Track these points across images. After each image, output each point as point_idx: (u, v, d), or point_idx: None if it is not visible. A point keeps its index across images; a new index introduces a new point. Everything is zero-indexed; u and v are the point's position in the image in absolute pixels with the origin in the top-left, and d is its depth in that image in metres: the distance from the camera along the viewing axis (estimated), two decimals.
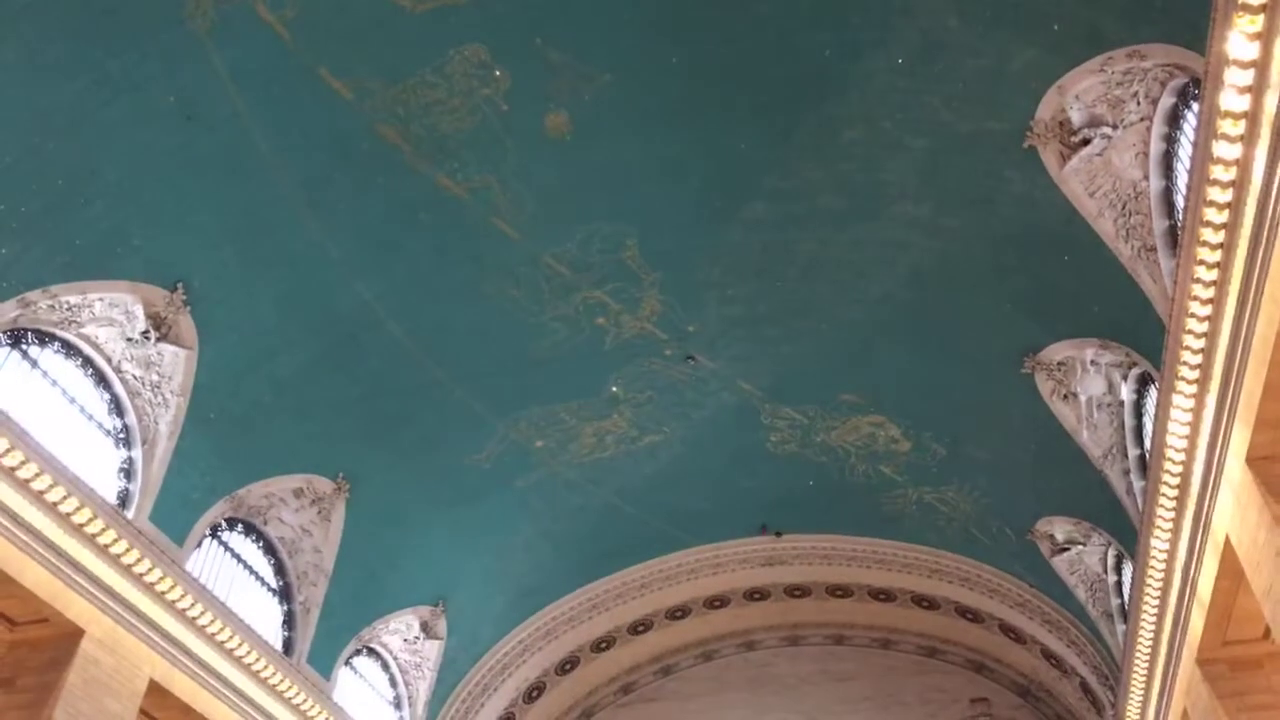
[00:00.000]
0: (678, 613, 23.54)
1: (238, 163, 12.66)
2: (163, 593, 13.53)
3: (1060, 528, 18.05)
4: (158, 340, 13.66)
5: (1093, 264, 12.87)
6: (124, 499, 13.82)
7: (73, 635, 12.41)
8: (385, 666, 20.26)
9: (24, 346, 12.83)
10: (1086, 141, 12.09)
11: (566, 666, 23.38)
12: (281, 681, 15.82)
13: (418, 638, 20.23)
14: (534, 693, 23.14)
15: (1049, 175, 12.50)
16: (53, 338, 13.17)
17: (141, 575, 13.20)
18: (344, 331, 15.11)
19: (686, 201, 14.46)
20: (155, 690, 13.62)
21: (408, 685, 20.47)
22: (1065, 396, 15.36)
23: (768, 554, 22.65)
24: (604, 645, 23.48)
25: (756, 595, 23.57)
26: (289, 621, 17.27)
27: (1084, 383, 15.06)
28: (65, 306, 12.81)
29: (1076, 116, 12.02)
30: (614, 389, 17.40)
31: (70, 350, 13.46)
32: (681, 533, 21.48)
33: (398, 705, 20.38)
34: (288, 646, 16.98)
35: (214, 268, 13.61)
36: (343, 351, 15.31)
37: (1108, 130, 11.92)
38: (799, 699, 23.35)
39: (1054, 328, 14.73)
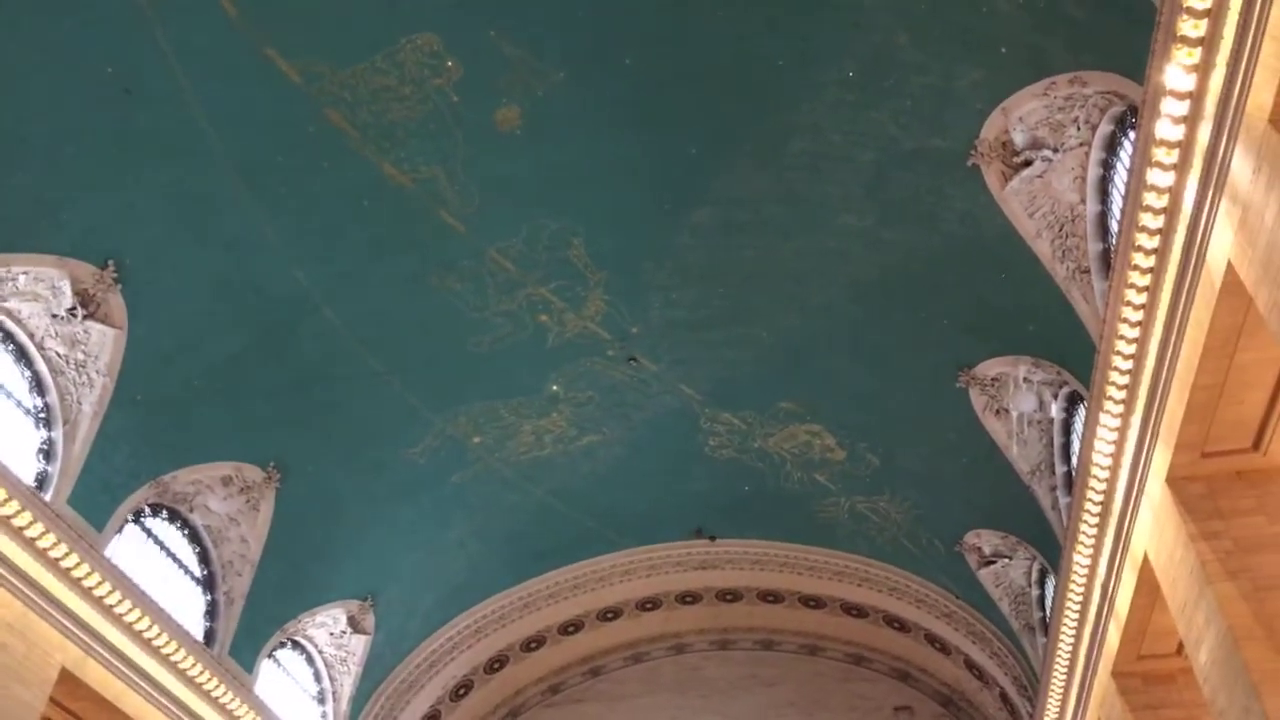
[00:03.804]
0: (609, 614, 23.54)
1: (177, 141, 12.32)
2: (79, 579, 13.11)
3: (988, 541, 18.41)
4: (85, 318, 13.24)
5: (1029, 283, 13.14)
6: (41, 480, 13.38)
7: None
8: (310, 660, 19.92)
9: None
10: (1028, 163, 12.35)
11: (495, 665, 23.25)
12: (201, 673, 15.48)
13: (344, 632, 19.93)
14: (461, 691, 22.97)
15: (990, 194, 12.74)
16: None
17: (57, 560, 12.77)
18: (279, 318, 14.81)
19: (634, 203, 14.45)
20: (67, 679, 13.21)
21: (332, 680, 20.15)
22: (997, 412, 15.68)
23: (701, 558, 22.77)
24: (534, 645, 23.40)
25: (689, 599, 23.68)
26: (211, 612, 16.89)
27: (1016, 399, 15.39)
28: None
29: (1019, 138, 12.27)
30: (554, 387, 17.34)
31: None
32: (616, 534, 21.48)
33: (321, 700, 20.05)
34: (209, 637, 16.60)
35: (147, 246, 13.21)
36: (277, 338, 15.00)
37: (1049, 153, 12.19)
38: (727, 702, 23.50)
39: (989, 344, 15.02)
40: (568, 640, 23.54)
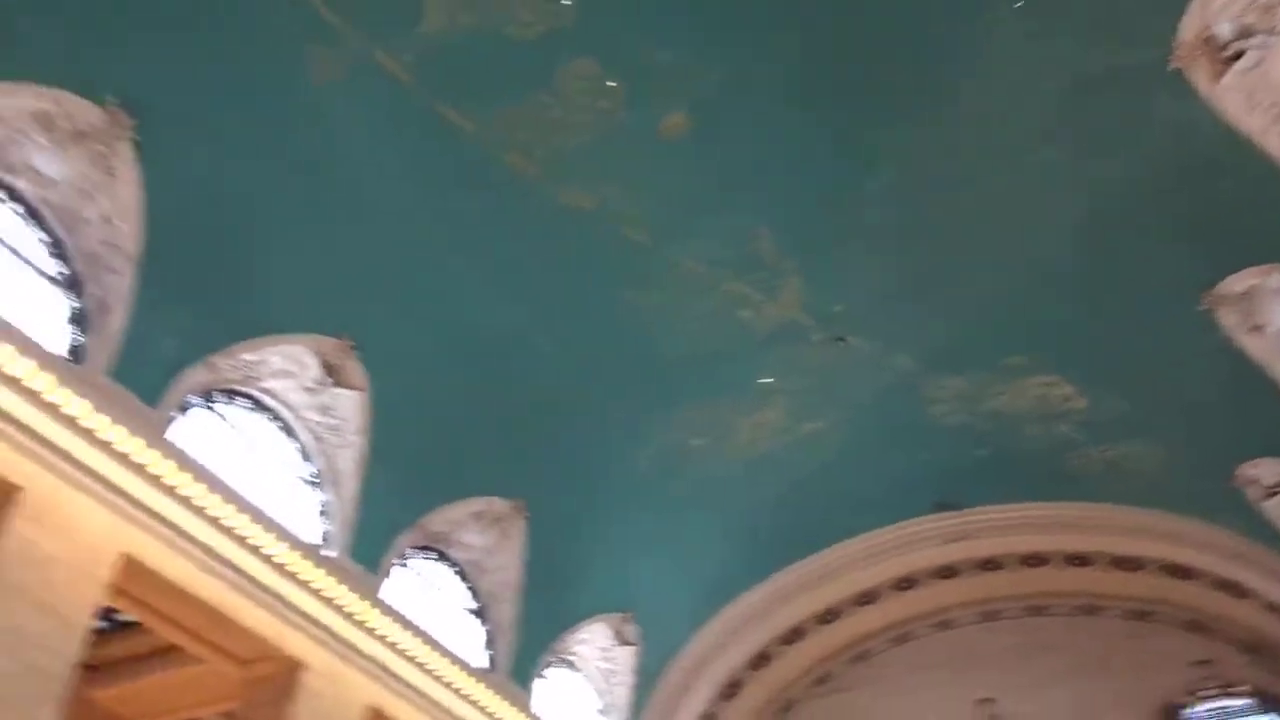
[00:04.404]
0: (865, 598, 23.10)
1: (376, 210, 13.39)
2: (364, 622, 14.36)
3: (1268, 469, 16.79)
4: (332, 386, 14.63)
5: (1263, 184, 11.97)
6: (326, 538, 14.81)
7: (294, 669, 13.35)
8: (582, 676, 20.81)
9: (214, 405, 13.98)
10: (1239, 55, 11.30)
11: (759, 661, 23.32)
12: (488, 697, 16.47)
13: (610, 645, 20.69)
14: (730, 690, 23.20)
15: (1200, 98, 11.74)
16: (238, 394, 14.30)
17: (342, 606, 14.06)
18: (497, 356, 15.66)
19: (815, 182, 14.28)
20: (375, 716, 14.43)
21: (605, 694, 20.97)
22: (1252, 329, 14.31)
23: (952, 530, 21.95)
24: (794, 637, 23.29)
25: (946, 572, 22.85)
26: (490, 640, 18.03)
27: (1272, 311, 14.02)
28: (245, 365, 13.89)
29: (1224, 30, 11.24)
30: (766, 380, 17.33)
31: (257, 405, 14.58)
32: (856, 517, 21.11)
33: (601, 713, 20.89)
34: (491, 664, 17.72)
35: (371, 312, 14.41)
36: (499, 376, 15.87)
37: (1261, 39, 11.08)
38: (1002, 675, 22.49)
39: (1228, 259, 13.79)
40: (827, 629, 23.29)
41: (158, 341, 12.35)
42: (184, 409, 13.30)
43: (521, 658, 18.15)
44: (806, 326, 16.44)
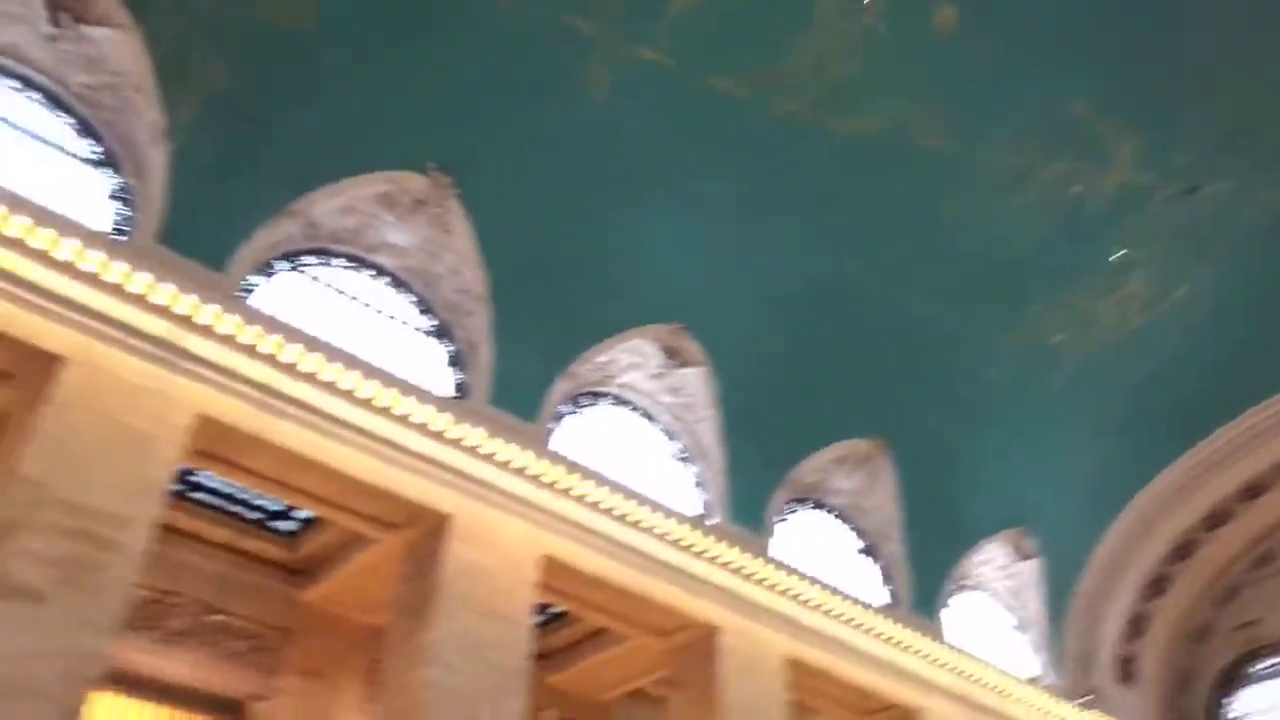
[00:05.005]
0: None
1: (681, 194, 13.95)
2: (763, 580, 14.99)
3: None
4: (676, 367, 15.47)
5: None
6: (708, 508, 15.69)
7: (710, 633, 14.23)
8: (989, 597, 20.34)
9: (581, 409, 15.29)
10: None
11: (1182, 551, 21.47)
12: (898, 631, 16.56)
13: (1010, 562, 20.06)
14: (1156, 586, 21.57)
15: None
16: (599, 394, 15.54)
17: (742, 570, 14.77)
18: (826, 302, 15.70)
19: (1125, 31, 12.95)
20: (793, 665, 15.03)
21: (1017, 610, 20.35)
22: None
23: None
24: (1218, 520, 21.20)
25: None
26: (886, 577, 18.17)
27: None
28: (598, 367, 15.06)
29: None
30: (1118, 254, 15.91)
31: (617, 400, 15.76)
32: (1258, 380, 18.77)
33: (1017, 630, 20.31)
34: (894, 599, 17.84)
35: (695, 291, 15.03)
36: (832, 321, 15.90)
37: None
38: None
39: None
40: (1254, 506, 20.96)
41: (523, 365, 13.74)
42: (558, 418, 14.68)
43: (922, 589, 18.09)
44: (1150, 186, 14.91)
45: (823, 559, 17.28)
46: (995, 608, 20.40)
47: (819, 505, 18.08)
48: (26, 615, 8.50)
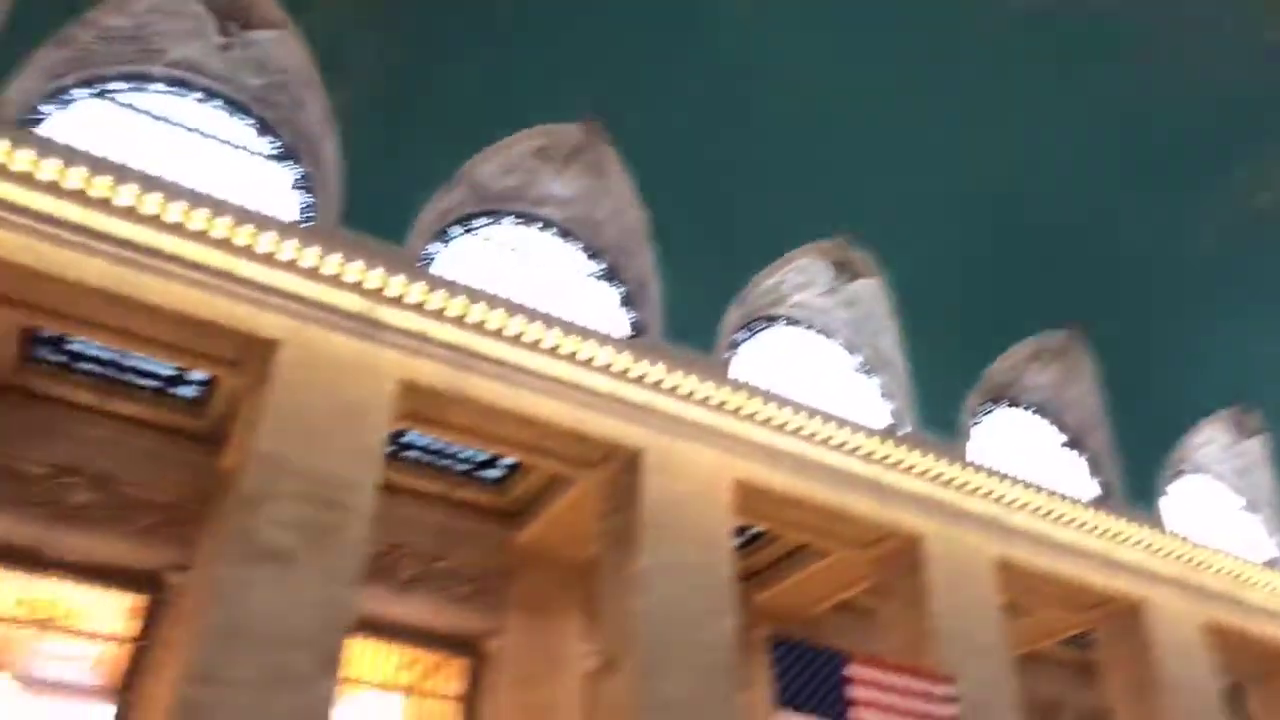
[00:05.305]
0: None
1: (813, 98, 13.67)
2: (964, 484, 14.78)
3: None
4: (847, 281, 15.27)
5: None
6: (897, 417, 15.51)
7: (915, 542, 14.20)
8: (1212, 479, 19.28)
9: (756, 334, 15.39)
10: None
11: None
12: (1110, 522, 15.97)
13: (1233, 441, 18.95)
14: None
15: None
16: (772, 318, 15.57)
17: (940, 476, 14.61)
18: (1003, 199, 15.07)
19: None
20: (1002, 566, 14.79)
21: (1245, 490, 19.21)
22: None
23: None
24: None
25: None
26: (1094, 469, 17.52)
27: None
28: (768, 291, 15.06)
29: None
30: None
31: (790, 321, 15.73)
32: None
33: (1247, 510, 19.21)
34: (1105, 491, 17.18)
35: (858, 201, 14.72)
36: (1009, 217, 15.25)
37: None
38: None
39: None
40: None
41: (693, 297, 13.91)
42: (734, 346, 14.82)
43: (1136, 479, 17.32)
44: None
45: (1024, 457, 16.81)
46: (1221, 490, 19.30)
47: (1014, 403, 17.54)
48: (282, 575, 9.52)
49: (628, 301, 14.20)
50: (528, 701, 13.74)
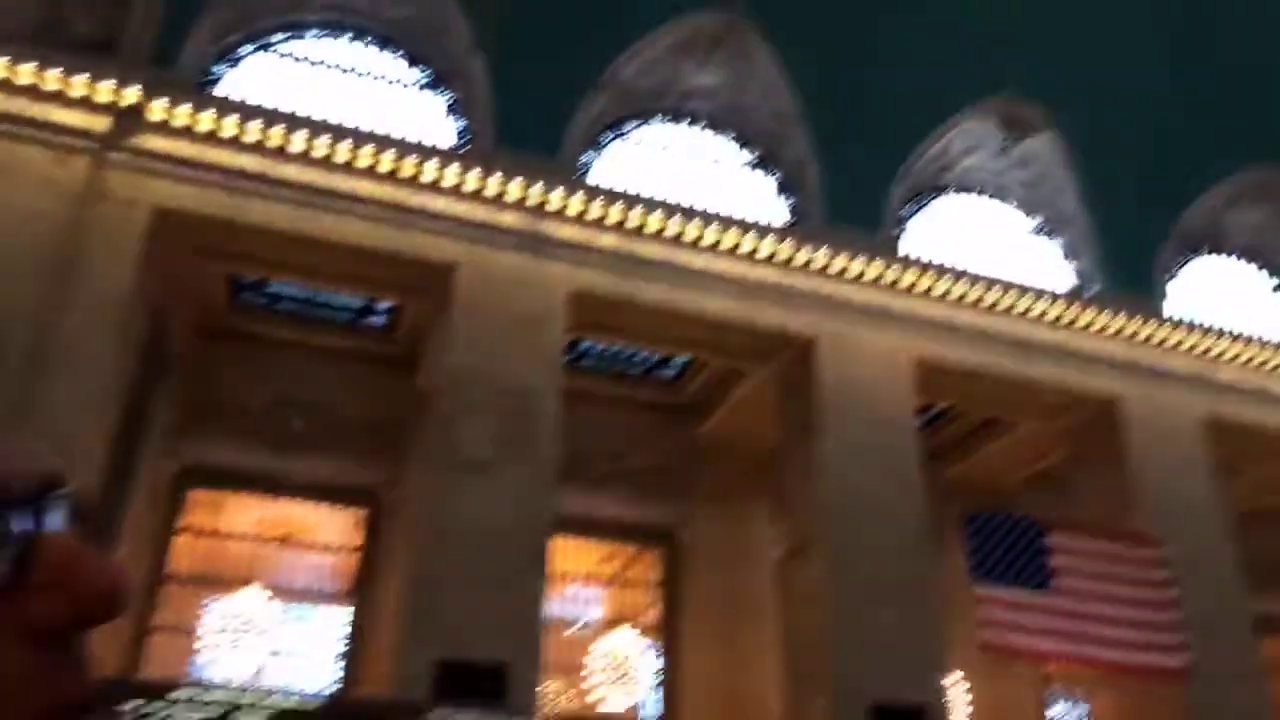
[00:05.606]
0: None
1: None
2: (1149, 338, 13.94)
3: None
4: (1018, 139, 14.40)
5: None
6: (1082, 277, 14.73)
7: (1108, 407, 13.59)
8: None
9: (923, 206, 14.82)
10: None
11: None
12: None
13: None
14: None
15: None
16: (940, 188, 14.93)
17: (1131, 335, 13.83)
18: (1180, 39, 13.75)
19: None
20: (1212, 425, 13.94)
21: None
22: None
23: None
24: None
25: None
26: None
27: None
28: (933, 159, 14.42)
29: None
30: None
31: (959, 188, 15.05)
32: None
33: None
34: None
35: (1025, 46, 13.76)
36: (1190, 58, 13.90)
37: None
38: None
39: None
40: None
41: (853, 175, 13.48)
42: (901, 222, 14.34)
43: None
44: None
45: (1230, 307, 15.64)
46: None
47: (1215, 250, 16.25)
48: (484, 483, 10.18)
49: (785, 187, 13.94)
50: (724, 587, 14.22)
